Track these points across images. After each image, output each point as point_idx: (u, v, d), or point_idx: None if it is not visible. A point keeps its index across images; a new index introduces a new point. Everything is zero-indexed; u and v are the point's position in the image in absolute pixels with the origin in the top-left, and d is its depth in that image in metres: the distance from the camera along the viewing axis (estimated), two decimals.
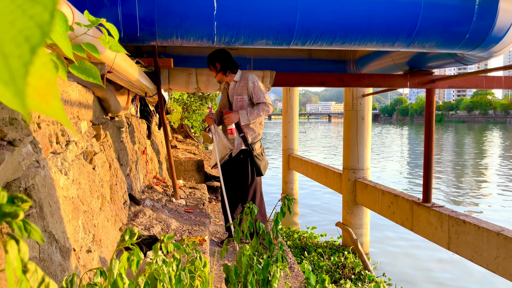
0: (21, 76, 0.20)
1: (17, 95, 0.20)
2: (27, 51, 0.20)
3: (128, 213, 3.20)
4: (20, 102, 0.20)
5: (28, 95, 0.21)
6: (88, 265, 1.93)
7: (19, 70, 0.20)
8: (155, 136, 6.47)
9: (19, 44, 0.20)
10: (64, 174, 1.86)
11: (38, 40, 0.20)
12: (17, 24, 0.20)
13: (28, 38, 0.20)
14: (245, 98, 3.59)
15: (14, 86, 0.20)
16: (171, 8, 2.73)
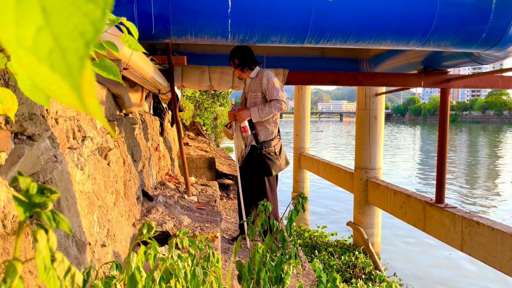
0: (78, 69, 0.21)
1: (74, 87, 0.21)
2: (82, 45, 0.21)
3: (141, 208, 3.23)
4: (77, 95, 0.21)
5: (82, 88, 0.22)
6: (103, 259, 1.96)
7: (75, 63, 0.21)
8: (167, 133, 6.52)
9: (75, 38, 0.21)
10: (80, 169, 1.89)
11: (92, 35, 0.21)
12: (73, 20, 0.21)
13: (83, 33, 0.21)
14: (258, 95, 3.55)
15: (71, 79, 0.21)
16: (185, 5, 2.75)
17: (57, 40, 0.20)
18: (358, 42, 3.03)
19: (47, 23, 0.20)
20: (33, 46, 0.20)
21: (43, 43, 0.20)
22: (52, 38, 0.20)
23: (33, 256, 1.29)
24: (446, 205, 4.64)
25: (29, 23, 0.20)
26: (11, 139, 1.32)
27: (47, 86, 0.21)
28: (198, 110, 15.66)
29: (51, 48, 0.20)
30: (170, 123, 6.49)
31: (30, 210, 0.42)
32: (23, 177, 0.42)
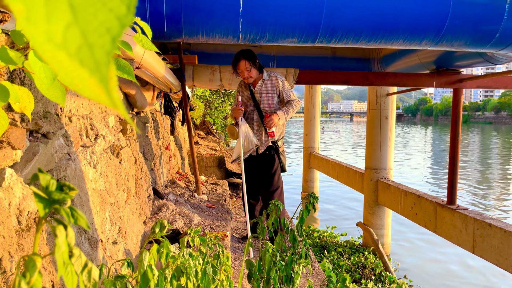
0: (105, 64, 0.22)
1: (103, 82, 0.21)
2: (109, 41, 0.22)
3: (152, 207, 3.26)
4: (105, 89, 0.22)
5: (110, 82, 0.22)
6: (114, 256, 1.98)
7: (102, 58, 0.22)
8: (178, 132, 6.56)
9: (101, 34, 0.21)
10: (92, 167, 1.91)
11: (117, 31, 0.22)
12: (99, 16, 0.21)
13: (109, 29, 0.22)
14: (273, 96, 3.59)
15: (99, 74, 0.21)
16: (197, 5, 2.76)
17: (85, 36, 0.21)
18: (370, 41, 3.02)
19: (75, 20, 0.21)
20: (63, 42, 0.21)
21: (72, 39, 0.21)
22: (80, 34, 0.21)
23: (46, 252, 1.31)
24: (457, 207, 4.59)
25: (59, 19, 0.21)
26: (26, 136, 1.34)
27: (71, 81, 0.22)
28: (209, 109, 15.71)
29: (79, 44, 0.21)
30: (181, 122, 6.52)
31: (49, 207, 0.43)
32: (43, 174, 0.43)
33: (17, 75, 1.30)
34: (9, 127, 1.23)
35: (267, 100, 3.60)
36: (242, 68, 3.51)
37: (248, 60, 3.50)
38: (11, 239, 1.16)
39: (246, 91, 3.71)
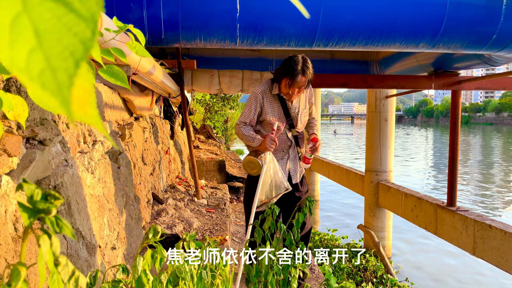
0: (67, 86, 0.22)
1: (64, 104, 0.22)
2: (72, 64, 0.22)
3: (151, 211, 3.26)
4: (66, 110, 0.22)
5: (72, 104, 0.23)
6: (113, 262, 1.98)
7: (65, 81, 0.22)
8: (178, 136, 6.57)
9: (65, 58, 0.22)
10: (90, 173, 1.92)
11: (81, 54, 0.23)
12: (63, 41, 0.22)
13: (72, 53, 0.22)
14: (307, 112, 2.85)
15: (61, 96, 0.22)
16: (195, 10, 2.78)
17: (48, 60, 0.22)
18: (367, 44, 3.03)
19: (39, 45, 0.22)
20: (25, 67, 0.22)
21: (35, 63, 0.22)
22: (44, 59, 0.22)
23: None
24: (458, 208, 4.59)
25: (22, 45, 0.21)
26: (22, 144, 1.35)
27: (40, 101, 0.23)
28: (209, 113, 15.73)
29: (42, 68, 0.22)
30: (181, 126, 6.54)
31: (34, 216, 0.43)
32: (27, 184, 0.43)
33: (13, 83, 1.31)
34: (5, 134, 1.24)
35: (303, 118, 2.80)
36: (300, 85, 2.57)
37: (306, 76, 2.56)
38: (7, 246, 1.17)
39: (276, 104, 2.73)
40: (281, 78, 2.60)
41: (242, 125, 2.72)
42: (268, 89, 2.73)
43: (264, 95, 2.74)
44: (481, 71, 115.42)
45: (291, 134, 2.79)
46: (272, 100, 2.73)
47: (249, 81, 4.39)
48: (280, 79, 2.61)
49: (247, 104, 2.77)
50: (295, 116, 2.76)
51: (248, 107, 2.75)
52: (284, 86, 2.61)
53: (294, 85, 2.55)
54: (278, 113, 2.73)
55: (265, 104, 2.72)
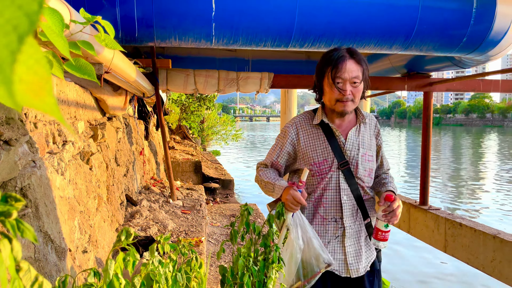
0: (8, 63, 0.20)
1: (5, 83, 0.20)
2: (14, 40, 0.20)
3: (125, 213, 3.20)
4: (8, 91, 0.20)
5: (21, 90, 0.21)
6: (84, 266, 1.92)
7: (6, 58, 0.20)
8: (152, 137, 6.47)
9: (6, 33, 0.20)
10: (60, 174, 1.86)
11: (25, 29, 0.20)
12: (5, 14, 0.20)
13: (16, 27, 0.20)
14: (373, 158, 1.85)
15: (2, 74, 0.20)
16: (169, 9, 2.74)
17: None
18: (342, 45, 3.05)
19: None
20: None
21: None
22: None
23: None
24: (430, 207, 4.69)
25: None
26: None
27: None
28: (184, 114, 15.59)
29: None
30: (155, 126, 6.45)
31: None
32: None
33: None
34: None
35: (366, 163, 1.79)
36: (351, 73, 1.67)
37: (360, 64, 1.70)
38: None
39: (319, 137, 1.80)
40: (322, 75, 1.73)
41: (261, 168, 1.87)
42: (307, 119, 1.83)
43: (300, 128, 1.81)
44: (451, 73, 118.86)
45: (348, 189, 1.73)
46: (314, 133, 1.78)
47: (225, 81, 4.36)
48: (321, 79, 1.74)
49: (276, 141, 1.89)
50: (353, 155, 1.74)
51: (273, 145, 1.88)
52: (327, 86, 1.70)
53: (341, 73, 1.64)
54: (322, 150, 1.75)
55: (303, 139, 1.78)
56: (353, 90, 1.68)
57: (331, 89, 1.70)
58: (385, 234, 1.71)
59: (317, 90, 1.81)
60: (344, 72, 1.65)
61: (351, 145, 1.76)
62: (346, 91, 1.66)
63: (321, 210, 1.77)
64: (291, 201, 1.61)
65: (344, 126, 1.80)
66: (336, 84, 1.67)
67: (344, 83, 1.67)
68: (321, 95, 1.80)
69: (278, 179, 1.75)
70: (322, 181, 1.74)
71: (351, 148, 1.76)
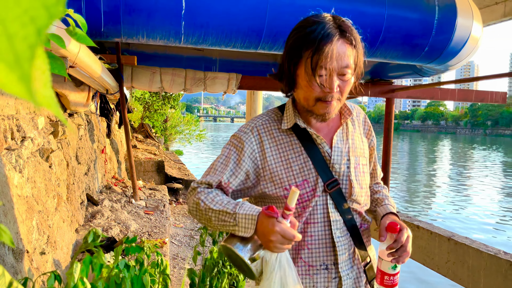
0: (27, 59, 0.18)
1: (23, 79, 0.18)
2: (33, 32, 0.18)
3: (85, 213, 3.09)
4: (26, 87, 0.18)
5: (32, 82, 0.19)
6: (42, 268, 1.84)
7: (24, 52, 0.18)
8: (114, 135, 6.30)
9: (24, 24, 0.18)
10: (18, 172, 1.77)
11: (44, 22, 0.19)
12: (22, 3, 0.18)
13: (33, 18, 0.18)
14: (367, 164, 1.35)
15: (20, 70, 0.18)
16: (138, 5, 2.67)
17: (4, 25, 0.18)
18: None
19: None
20: None
21: None
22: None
23: None
24: None
25: None
26: None
27: None
28: (148, 112, 15.28)
29: None
30: (118, 124, 6.28)
31: None
32: None
33: None
34: None
35: (361, 179, 1.30)
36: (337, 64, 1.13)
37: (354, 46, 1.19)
38: None
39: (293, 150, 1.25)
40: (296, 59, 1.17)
41: (202, 189, 1.20)
42: (272, 121, 1.28)
43: (264, 134, 1.25)
44: (409, 81, 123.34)
45: (341, 220, 1.24)
46: (284, 142, 1.24)
47: (193, 81, 4.32)
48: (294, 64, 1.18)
49: (221, 153, 1.27)
50: (344, 170, 1.24)
51: (220, 158, 1.25)
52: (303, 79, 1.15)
53: (326, 61, 1.10)
54: (301, 168, 1.22)
55: (269, 152, 1.23)
56: (341, 85, 1.15)
57: (309, 84, 1.13)
58: (394, 278, 1.21)
59: (285, 79, 1.21)
60: (331, 60, 1.10)
61: (339, 155, 1.24)
62: (333, 88, 1.12)
63: (305, 254, 1.21)
64: (280, 240, 1.00)
65: (325, 129, 1.27)
66: (318, 76, 1.11)
67: (330, 76, 1.11)
68: (291, 87, 1.22)
69: (238, 204, 1.09)
70: (303, 212, 1.19)
71: (339, 160, 1.23)
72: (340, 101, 1.20)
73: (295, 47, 1.18)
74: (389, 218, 1.27)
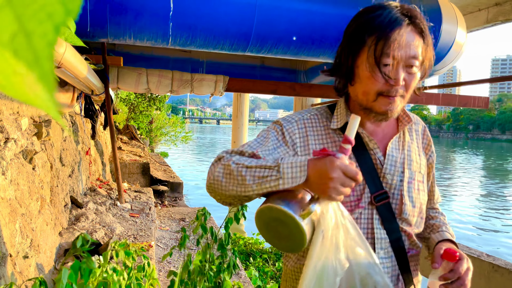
0: (47, 57, 0.17)
1: (44, 79, 0.17)
2: (51, 29, 0.17)
3: (69, 216, 3.03)
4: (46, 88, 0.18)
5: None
6: (25, 272, 1.80)
7: (43, 50, 0.17)
8: (99, 136, 6.22)
9: (41, 21, 0.17)
10: (1, 174, 1.73)
11: (62, 17, 0.18)
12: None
13: (50, 15, 0.17)
14: (424, 182, 1.17)
15: (40, 69, 0.17)
16: (125, 5, 2.65)
17: (21, 22, 0.17)
18: (298, 53, 3.11)
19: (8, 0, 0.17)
20: None
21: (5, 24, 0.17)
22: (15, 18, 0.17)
23: None
24: None
25: None
26: None
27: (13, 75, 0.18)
28: (133, 113, 15.14)
29: (14, 31, 0.17)
30: (103, 126, 6.20)
31: None
32: None
33: None
34: None
35: (415, 196, 1.11)
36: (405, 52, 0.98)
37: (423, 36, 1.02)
38: None
39: None
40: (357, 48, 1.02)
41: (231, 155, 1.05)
42: (320, 119, 1.15)
43: (311, 131, 1.12)
44: None
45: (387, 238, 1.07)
46: (331, 142, 1.11)
47: (179, 82, 4.29)
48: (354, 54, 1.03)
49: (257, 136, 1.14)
50: (396, 182, 1.10)
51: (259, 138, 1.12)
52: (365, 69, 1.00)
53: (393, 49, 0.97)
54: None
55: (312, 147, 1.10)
56: (407, 78, 1.00)
57: (372, 74, 0.99)
58: None
59: (342, 72, 1.07)
60: (399, 47, 0.97)
61: (393, 164, 1.09)
62: (399, 80, 0.98)
63: None
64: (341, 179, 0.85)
65: (379, 134, 1.13)
66: (383, 66, 0.98)
67: (396, 66, 0.98)
68: (348, 81, 1.07)
69: (278, 158, 0.95)
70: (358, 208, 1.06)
71: (392, 170, 1.09)
72: (404, 99, 1.04)
73: (356, 35, 1.02)
74: (445, 244, 1.10)
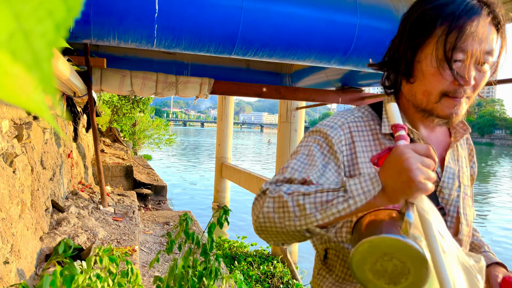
0: (46, 58, 0.16)
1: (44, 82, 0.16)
2: (51, 28, 0.16)
3: (51, 221, 2.97)
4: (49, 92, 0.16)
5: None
6: (5, 278, 1.75)
7: (43, 51, 0.16)
8: (81, 139, 6.12)
9: (41, 19, 0.16)
10: None
11: (63, 16, 0.17)
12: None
13: (51, 13, 0.16)
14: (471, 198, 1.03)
15: (40, 71, 0.16)
16: (109, 5, 2.61)
17: (19, 20, 0.16)
18: (284, 57, 3.12)
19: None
20: None
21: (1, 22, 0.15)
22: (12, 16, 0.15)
23: None
24: None
25: None
26: None
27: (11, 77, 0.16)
28: (116, 116, 14.95)
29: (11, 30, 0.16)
30: (86, 128, 6.10)
31: None
32: None
33: None
34: None
35: (468, 213, 0.99)
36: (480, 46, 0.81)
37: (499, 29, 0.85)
38: None
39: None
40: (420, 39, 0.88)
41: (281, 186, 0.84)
42: (366, 121, 0.99)
43: (357, 134, 0.95)
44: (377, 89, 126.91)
45: None
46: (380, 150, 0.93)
47: (164, 85, 4.26)
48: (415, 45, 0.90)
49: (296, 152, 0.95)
50: (453, 198, 0.95)
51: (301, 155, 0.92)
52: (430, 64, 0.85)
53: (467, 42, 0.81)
54: None
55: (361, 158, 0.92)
56: (477, 77, 0.85)
57: (439, 71, 0.84)
58: None
59: (397, 67, 0.95)
60: (474, 41, 0.81)
61: (451, 177, 0.95)
62: (470, 79, 0.83)
63: None
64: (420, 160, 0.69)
65: (434, 141, 0.98)
66: (453, 61, 0.82)
67: (468, 62, 0.83)
68: (405, 78, 0.93)
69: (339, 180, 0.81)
70: None
71: (450, 184, 0.95)
72: (469, 101, 0.88)
73: (421, 23, 0.87)
74: (498, 270, 0.97)
